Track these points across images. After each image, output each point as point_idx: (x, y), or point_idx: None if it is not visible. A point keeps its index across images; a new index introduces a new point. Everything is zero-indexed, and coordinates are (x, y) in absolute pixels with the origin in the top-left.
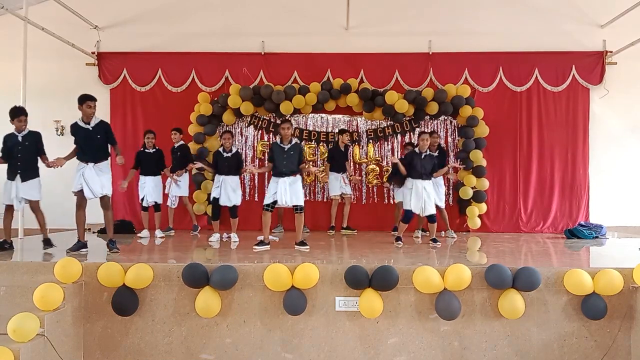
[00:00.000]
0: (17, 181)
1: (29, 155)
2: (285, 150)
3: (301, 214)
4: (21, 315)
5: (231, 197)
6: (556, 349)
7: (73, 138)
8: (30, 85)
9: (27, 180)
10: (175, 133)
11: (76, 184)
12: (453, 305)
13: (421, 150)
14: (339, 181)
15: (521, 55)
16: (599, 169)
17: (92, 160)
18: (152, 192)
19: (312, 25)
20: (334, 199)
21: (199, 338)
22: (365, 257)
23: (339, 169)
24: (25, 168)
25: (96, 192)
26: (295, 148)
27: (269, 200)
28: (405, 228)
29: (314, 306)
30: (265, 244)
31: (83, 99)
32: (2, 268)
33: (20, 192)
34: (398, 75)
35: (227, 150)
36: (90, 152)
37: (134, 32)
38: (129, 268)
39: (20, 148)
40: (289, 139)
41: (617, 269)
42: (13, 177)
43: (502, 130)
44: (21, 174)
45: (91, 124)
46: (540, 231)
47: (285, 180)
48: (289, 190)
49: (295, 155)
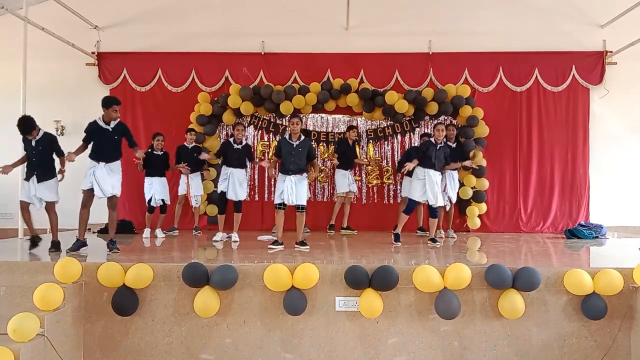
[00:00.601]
0: (33, 181)
1: (43, 158)
2: (293, 147)
3: (303, 214)
4: (21, 315)
5: (237, 192)
6: (556, 349)
7: (81, 136)
8: (30, 85)
9: (42, 181)
10: (192, 134)
11: (86, 182)
12: (453, 304)
13: (437, 140)
14: (347, 178)
15: (521, 55)
16: (599, 169)
17: (104, 160)
18: (161, 191)
19: (312, 25)
20: (339, 197)
21: (199, 338)
22: (365, 257)
23: (347, 166)
24: (40, 170)
25: (106, 192)
26: (304, 145)
27: (279, 200)
28: (406, 220)
29: (314, 306)
30: (280, 243)
31: (110, 103)
32: (2, 268)
33: (38, 192)
34: (398, 75)
35: (237, 142)
36: (105, 152)
37: (134, 32)
38: (129, 268)
39: (34, 152)
40: (297, 135)
41: (617, 269)
42: (29, 178)
43: (502, 130)
44: (37, 175)
45: (111, 124)
46: (540, 231)
47: (291, 179)
48: (294, 189)
49: (303, 153)
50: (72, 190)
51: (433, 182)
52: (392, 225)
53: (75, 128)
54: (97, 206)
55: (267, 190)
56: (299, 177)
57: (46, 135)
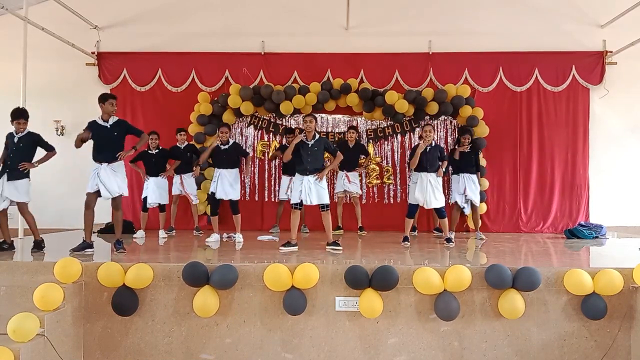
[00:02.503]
0: (3, 179)
1: (21, 156)
2: (309, 147)
3: (328, 212)
4: (21, 315)
5: (227, 191)
6: (556, 349)
7: (73, 139)
8: (30, 85)
9: (13, 180)
10: (182, 134)
11: (91, 184)
12: (452, 305)
13: (426, 142)
14: (342, 179)
15: (521, 55)
16: (599, 169)
17: (105, 160)
18: (153, 194)
19: (312, 25)
20: (339, 198)
21: (199, 338)
22: (365, 257)
23: (343, 166)
24: (14, 168)
25: (113, 192)
26: (319, 144)
27: (296, 200)
28: (411, 223)
29: (314, 306)
30: (293, 244)
31: (106, 97)
32: (2, 268)
33: (5, 191)
34: (398, 75)
35: (224, 143)
36: (105, 151)
37: (134, 32)
38: (129, 268)
39: (14, 149)
40: (312, 134)
41: (617, 269)
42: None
43: (502, 130)
44: (9, 173)
45: (109, 122)
46: (540, 231)
47: (310, 179)
48: (314, 190)
49: (319, 152)
50: (74, 190)
51: (425, 184)
52: (393, 225)
53: (75, 128)
54: (98, 207)
55: (267, 190)
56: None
57: (30, 135)
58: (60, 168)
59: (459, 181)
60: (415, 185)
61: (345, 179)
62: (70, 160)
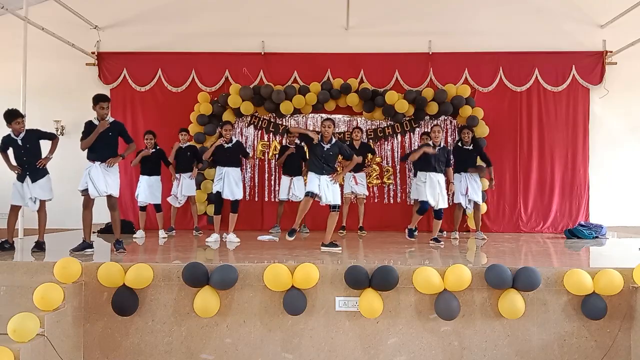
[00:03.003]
0: (28, 182)
1: (32, 155)
2: (324, 150)
3: (336, 214)
4: (21, 315)
5: (234, 191)
6: (556, 349)
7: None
8: (30, 85)
9: (36, 180)
10: (184, 134)
11: (82, 182)
12: (452, 305)
13: (434, 142)
14: (350, 180)
15: (521, 55)
16: (599, 168)
17: (99, 159)
18: (143, 193)
19: (312, 25)
20: (345, 198)
21: (199, 338)
22: (365, 257)
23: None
24: (33, 169)
25: (101, 191)
26: (334, 148)
27: (315, 190)
28: (419, 219)
29: (314, 306)
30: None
31: (96, 100)
32: (2, 268)
33: (33, 193)
34: (398, 75)
35: (227, 142)
36: (99, 150)
37: (134, 32)
38: (129, 268)
39: (22, 152)
40: (328, 138)
41: (617, 269)
42: (22, 179)
43: (502, 130)
44: (30, 175)
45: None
46: (540, 231)
47: (326, 179)
48: (330, 188)
49: (334, 156)
50: (74, 190)
51: (435, 185)
52: (393, 224)
53: (75, 128)
54: (98, 207)
55: (267, 190)
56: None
57: (31, 132)
58: (60, 168)
59: (460, 180)
60: (425, 184)
61: (352, 180)
62: (70, 160)
